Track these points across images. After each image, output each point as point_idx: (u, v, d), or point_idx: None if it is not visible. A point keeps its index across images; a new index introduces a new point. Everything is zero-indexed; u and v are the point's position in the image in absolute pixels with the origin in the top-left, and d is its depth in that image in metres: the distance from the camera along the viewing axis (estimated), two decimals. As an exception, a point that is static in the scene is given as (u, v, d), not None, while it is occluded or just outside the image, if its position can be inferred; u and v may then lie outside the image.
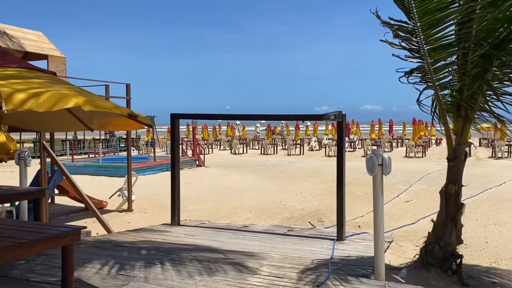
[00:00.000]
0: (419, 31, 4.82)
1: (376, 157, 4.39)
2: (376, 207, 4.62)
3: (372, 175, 4.46)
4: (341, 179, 6.63)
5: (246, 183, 15.18)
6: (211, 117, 7.62)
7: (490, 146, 26.93)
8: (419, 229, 8.55)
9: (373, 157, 4.40)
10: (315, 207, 10.87)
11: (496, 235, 7.93)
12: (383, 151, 4.42)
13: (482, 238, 7.82)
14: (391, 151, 27.53)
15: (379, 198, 4.51)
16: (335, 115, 6.54)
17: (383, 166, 4.42)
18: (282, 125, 39.27)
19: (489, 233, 8.04)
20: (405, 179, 15.54)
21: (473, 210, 10.01)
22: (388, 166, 4.42)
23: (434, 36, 4.81)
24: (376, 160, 4.39)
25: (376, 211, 4.61)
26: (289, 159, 24.68)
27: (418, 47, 4.90)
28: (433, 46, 4.85)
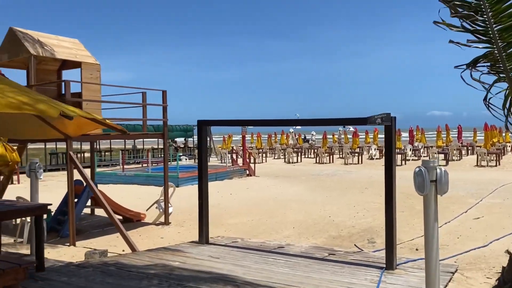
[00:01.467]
0: (486, 7, 3.69)
1: (427, 171, 3.33)
2: (428, 236, 3.54)
3: (422, 194, 3.40)
4: (390, 194, 5.52)
5: (295, 195, 14.21)
6: (241, 123, 6.81)
7: None
8: (491, 254, 7.12)
9: (423, 172, 3.34)
10: (367, 224, 9.66)
11: None
12: (437, 164, 3.34)
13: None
14: (460, 160, 25.18)
15: (431, 225, 3.43)
16: (382, 118, 5.46)
17: (437, 183, 3.34)
18: (340, 132, 37.73)
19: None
20: (476, 192, 13.76)
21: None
22: (444, 183, 3.34)
23: (507, 11, 3.66)
24: (427, 175, 3.33)
25: (429, 241, 3.53)
26: (346, 168, 23.31)
27: (485, 27, 3.77)
28: (506, 25, 3.69)
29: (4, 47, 8.81)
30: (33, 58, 8.34)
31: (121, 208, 10.24)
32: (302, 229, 9.25)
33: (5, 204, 5.12)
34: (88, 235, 9.02)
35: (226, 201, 13.05)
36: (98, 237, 8.83)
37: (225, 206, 12.23)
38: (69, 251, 7.51)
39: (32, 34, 8.80)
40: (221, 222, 10.19)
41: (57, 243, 8.20)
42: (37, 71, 9.06)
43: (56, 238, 8.60)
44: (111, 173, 18.63)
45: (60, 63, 9.99)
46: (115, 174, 18.17)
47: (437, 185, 3.35)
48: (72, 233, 7.84)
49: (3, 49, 8.83)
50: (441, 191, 3.35)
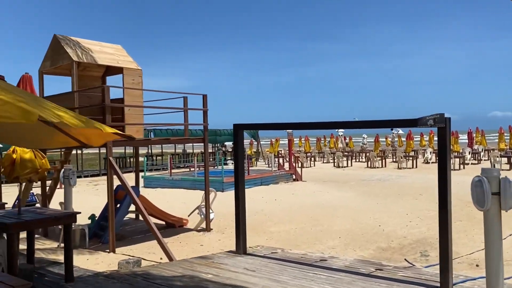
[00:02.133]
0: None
1: (488, 182, 2.77)
2: (490, 257, 2.96)
3: (482, 210, 2.84)
4: (445, 201, 4.87)
5: (343, 201, 13.57)
6: (277, 126, 6.44)
7: None
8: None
9: (484, 182, 2.78)
10: (421, 234, 8.91)
11: None
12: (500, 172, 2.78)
13: None
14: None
15: (494, 245, 2.86)
16: (435, 119, 4.86)
17: (501, 196, 2.77)
18: (394, 135, 36.23)
19: None
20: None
21: None
22: (509, 196, 2.76)
23: None
24: (488, 186, 2.77)
25: (491, 263, 2.94)
26: (399, 173, 22.18)
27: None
28: None
29: (49, 54, 9.00)
30: (75, 64, 8.42)
31: (164, 214, 10.16)
32: (348, 239, 8.68)
33: (36, 212, 5.06)
34: (129, 241, 8.98)
35: (270, 207, 12.68)
36: (139, 244, 8.76)
37: (268, 212, 11.86)
38: (107, 258, 7.45)
39: (75, 40, 8.92)
40: (263, 229, 9.83)
41: (98, 249, 8.20)
42: (81, 77, 9.19)
43: (98, 244, 8.62)
44: (159, 177, 18.86)
45: (104, 69, 10.09)
46: (163, 178, 18.36)
47: (500, 198, 2.78)
48: (111, 239, 7.79)
49: (48, 57, 9.02)
50: (506, 205, 2.78)
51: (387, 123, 5.38)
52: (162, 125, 10.35)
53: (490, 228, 2.84)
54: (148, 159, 29.77)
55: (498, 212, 2.84)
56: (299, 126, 6.40)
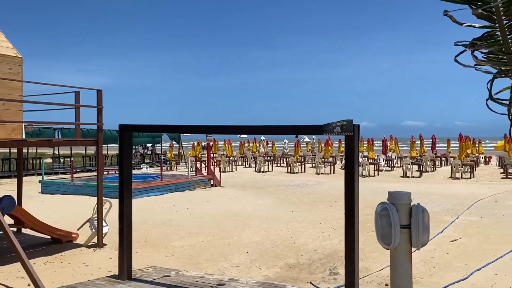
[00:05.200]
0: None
1: (396, 211, 2.11)
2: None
3: (388, 248, 2.17)
4: (352, 217, 4.29)
5: (259, 209, 12.93)
6: (172, 129, 5.51)
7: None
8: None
9: (390, 211, 2.11)
10: (332, 247, 8.46)
11: None
12: (410, 197, 2.12)
13: None
14: (434, 171, 24.45)
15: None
16: (342, 126, 4.26)
17: (412, 231, 2.12)
18: (313, 140, 36.80)
19: None
20: (451, 207, 12.80)
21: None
22: (423, 231, 2.11)
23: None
24: (396, 217, 2.10)
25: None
26: (317, 178, 22.20)
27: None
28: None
29: None
30: None
31: (47, 227, 8.74)
32: (256, 254, 7.95)
33: None
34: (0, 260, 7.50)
35: (179, 217, 11.67)
36: (9, 264, 7.31)
37: (177, 223, 10.85)
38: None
39: None
40: (166, 244, 8.81)
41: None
42: None
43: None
44: (59, 182, 16.93)
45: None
46: (64, 184, 16.50)
47: (412, 233, 2.13)
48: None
49: None
50: (417, 242, 2.13)
51: (292, 129, 4.70)
52: (49, 124, 8.90)
53: (397, 270, 2.19)
54: (54, 161, 27.18)
55: (408, 250, 2.19)
56: (197, 129, 5.53)
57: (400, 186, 18.02)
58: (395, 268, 2.20)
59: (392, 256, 2.22)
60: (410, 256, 2.21)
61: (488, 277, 6.54)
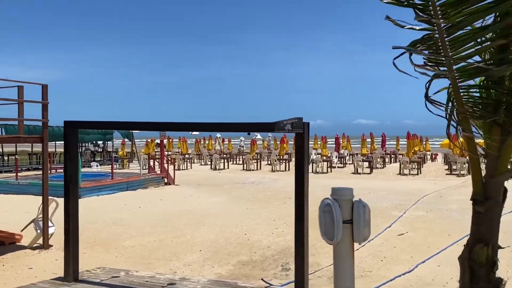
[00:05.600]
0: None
1: (338, 207, 2.15)
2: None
3: (331, 243, 2.21)
4: (301, 214, 4.37)
5: (213, 207, 12.86)
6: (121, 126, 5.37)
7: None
8: (417, 282, 6.26)
9: (333, 207, 2.15)
10: (286, 243, 8.55)
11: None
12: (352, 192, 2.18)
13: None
14: (384, 167, 25.36)
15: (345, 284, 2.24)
16: (292, 124, 4.30)
17: (353, 226, 2.17)
18: (269, 138, 37.07)
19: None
20: (399, 203, 13.30)
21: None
22: (364, 225, 2.17)
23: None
24: (338, 212, 2.15)
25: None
26: (273, 176, 22.41)
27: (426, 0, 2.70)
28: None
29: None
30: None
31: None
32: (210, 252, 7.90)
33: None
34: None
35: (131, 216, 11.39)
36: None
37: (128, 222, 10.58)
38: None
39: None
40: (116, 244, 8.57)
41: None
42: None
43: None
44: (2, 181, 16.07)
45: None
46: (7, 183, 15.67)
47: (354, 228, 2.19)
48: None
49: None
50: (359, 237, 2.19)
51: (243, 126, 4.69)
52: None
53: (340, 265, 2.24)
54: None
55: (351, 245, 2.25)
56: (147, 126, 5.41)
57: (351, 183, 18.52)
58: (338, 262, 2.25)
59: (335, 251, 2.27)
60: (352, 250, 2.27)
61: (431, 269, 6.84)
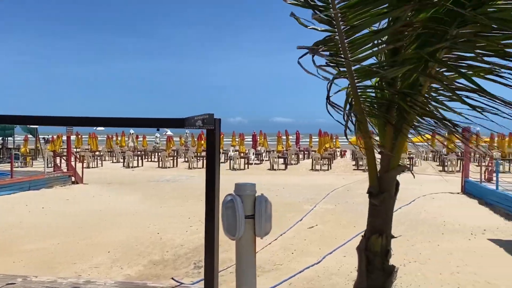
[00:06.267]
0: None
1: (241, 202, 2.16)
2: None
3: (233, 238, 2.22)
4: (212, 211, 4.31)
5: (125, 206, 12.36)
6: (9, 120, 4.92)
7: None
8: (325, 272, 6.57)
9: (236, 202, 2.16)
10: (200, 241, 8.47)
11: (420, 280, 6.19)
12: (254, 188, 2.20)
13: (404, 285, 6.00)
14: (298, 164, 26.30)
15: (247, 279, 2.26)
16: (204, 120, 4.23)
17: (255, 221, 2.20)
18: (187, 134, 36.62)
19: (411, 277, 6.27)
20: (311, 197, 13.88)
21: (387, 239, 8.35)
22: (265, 220, 2.21)
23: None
24: (241, 207, 2.16)
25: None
26: (189, 173, 22.13)
27: (326, 2, 2.80)
28: (351, 1, 2.76)
29: None
30: None
31: None
32: (119, 253, 7.58)
33: None
34: None
35: (32, 219, 10.54)
36: None
37: (29, 225, 9.78)
38: None
39: None
40: (15, 248, 7.88)
41: None
42: None
43: None
44: None
45: None
46: None
47: (256, 223, 2.21)
48: None
49: None
50: (261, 231, 2.22)
51: (152, 122, 4.53)
52: None
53: (243, 259, 2.25)
54: None
55: (253, 239, 2.27)
56: (48, 121, 5.00)
57: (267, 178, 18.95)
58: (240, 257, 2.26)
59: (237, 246, 2.28)
60: (254, 245, 2.29)
61: (338, 259, 7.22)
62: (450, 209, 11.65)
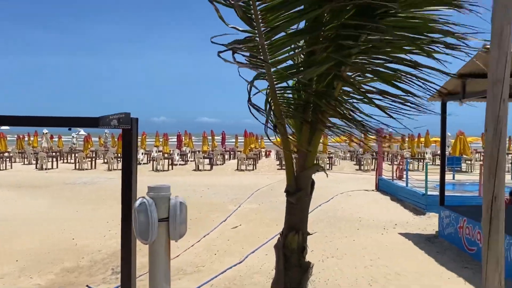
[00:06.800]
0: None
1: (154, 205, 2.09)
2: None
3: (146, 242, 2.14)
4: (128, 212, 4.14)
5: (37, 211, 11.50)
6: None
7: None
8: (247, 272, 6.62)
9: (147, 205, 2.08)
10: (119, 245, 8.11)
11: (337, 274, 6.47)
12: (169, 190, 2.14)
13: (322, 280, 6.23)
14: (223, 164, 26.32)
15: (157, 285, 2.18)
16: (119, 119, 4.05)
17: (169, 223, 2.13)
18: (106, 134, 35.07)
19: (329, 272, 6.53)
20: (235, 197, 13.94)
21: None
22: (180, 222, 2.15)
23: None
24: (154, 211, 2.08)
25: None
26: (109, 175, 21.18)
27: (247, 2, 2.80)
28: (272, 3, 2.78)
29: None
30: None
31: None
32: (29, 261, 7.02)
33: None
34: None
35: None
36: None
37: None
38: None
39: None
40: None
41: None
42: None
43: None
44: None
45: None
46: None
47: (169, 226, 2.14)
48: None
49: None
50: (175, 233, 2.16)
51: (63, 121, 4.24)
52: None
53: (156, 264, 2.17)
54: None
55: (167, 243, 2.20)
56: None
57: (192, 179, 18.74)
58: (154, 262, 2.18)
59: (150, 250, 2.20)
60: (168, 249, 2.22)
61: (260, 258, 7.31)
62: (365, 206, 12.34)
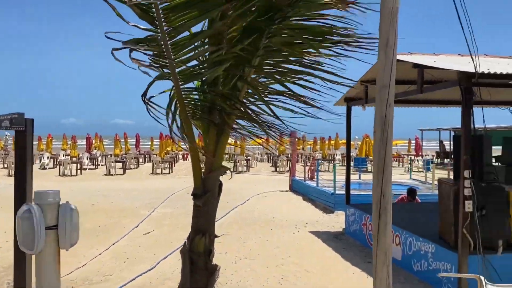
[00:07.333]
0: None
1: (39, 212, 1.92)
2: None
3: (31, 253, 1.97)
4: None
5: None
6: None
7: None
8: (158, 278, 6.44)
9: (34, 212, 1.91)
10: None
11: (250, 275, 6.53)
12: (58, 196, 1.99)
13: (234, 282, 6.26)
14: (138, 168, 25.43)
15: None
16: (12, 120, 3.75)
17: (59, 231, 1.98)
18: (7, 137, 32.17)
19: (241, 273, 6.57)
20: (149, 202, 13.51)
21: (221, 238, 8.64)
22: (72, 229, 2.01)
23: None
24: (40, 218, 1.92)
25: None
26: (9, 181, 19.36)
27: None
28: (174, 2, 2.72)
29: None
30: None
31: None
32: None
33: None
34: None
35: None
36: None
37: None
38: None
39: None
40: None
41: None
42: None
43: None
44: None
45: None
46: None
47: (59, 234, 1.99)
48: None
49: None
50: (65, 242, 2.01)
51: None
52: None
53: (43, 276, 2.00)
54: None
55: (56, 252, 2.04)
56: None
57: (103, 184, 17.84)
58: (41, 272, 2.01)
59: (37, 260, 2.02)
60: (58, 258, 2.07)
61: (172, 263, 7.14)
62: (279, 206, 12.67)
